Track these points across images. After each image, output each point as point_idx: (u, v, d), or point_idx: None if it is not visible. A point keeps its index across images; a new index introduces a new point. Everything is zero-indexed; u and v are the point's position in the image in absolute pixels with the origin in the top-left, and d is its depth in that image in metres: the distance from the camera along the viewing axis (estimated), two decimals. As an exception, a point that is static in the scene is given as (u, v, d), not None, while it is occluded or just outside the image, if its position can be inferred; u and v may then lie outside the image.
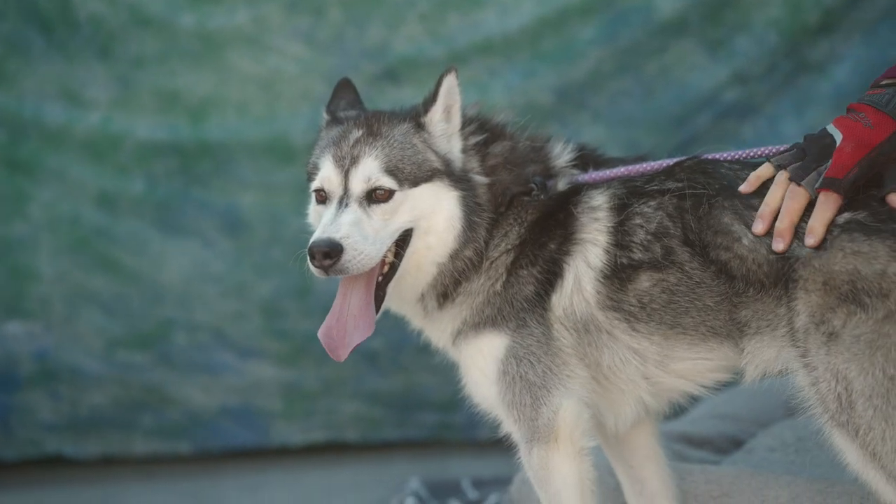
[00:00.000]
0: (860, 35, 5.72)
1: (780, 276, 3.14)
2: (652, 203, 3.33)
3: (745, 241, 3.18)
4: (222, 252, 6.00)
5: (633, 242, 3.32)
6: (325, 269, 3.29)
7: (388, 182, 3.41)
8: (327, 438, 6.23)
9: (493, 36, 5.83)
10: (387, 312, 3.57)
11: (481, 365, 3.48)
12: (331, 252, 3.27)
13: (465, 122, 3.57)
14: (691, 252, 3.25)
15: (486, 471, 5.70)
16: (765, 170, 3.22)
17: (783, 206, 3.14)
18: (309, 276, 5.79)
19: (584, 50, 5.83)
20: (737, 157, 3.40)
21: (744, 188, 3.21)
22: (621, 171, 3.50)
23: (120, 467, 6.15)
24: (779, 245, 3.12)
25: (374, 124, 3.52)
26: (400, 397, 6.17)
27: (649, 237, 3.30)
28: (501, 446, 3.68)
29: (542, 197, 3.49)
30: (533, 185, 3.50)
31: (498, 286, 3.46)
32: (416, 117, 3.54)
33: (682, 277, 3.26)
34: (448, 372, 5.91)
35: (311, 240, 3.32)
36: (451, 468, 5.91)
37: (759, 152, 3.39)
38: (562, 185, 3.52)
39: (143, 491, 5.97)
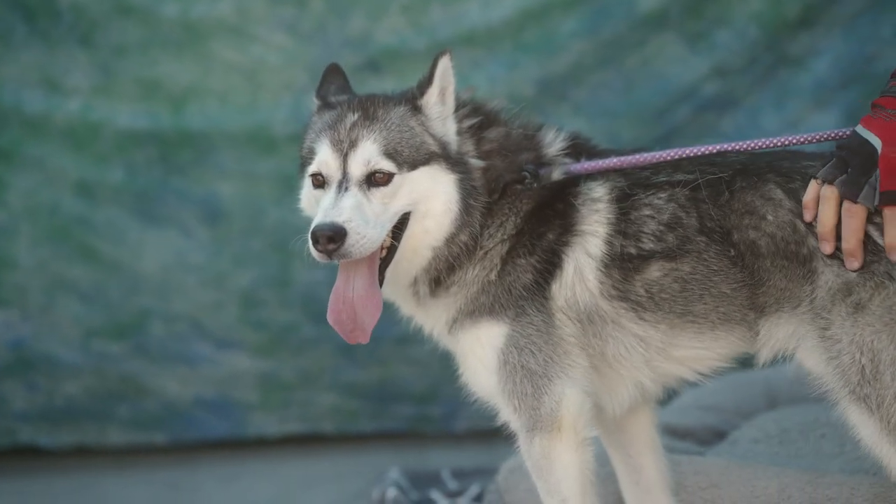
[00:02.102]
0: (840, 29, 5.74)
1: (810, 254, 3.17)
2: (662, 194, 3.36)
3: (770, 218, 3.21)
4: (201, 242, 5.97)
5: (643, 233, 3.34)
6: (329, 254, 3.26)
7: (387, 165, 3.40)
8: (304, 430, 6.21)
9: (475, 27, 5.81)
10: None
11: (480, 354, 3.47)
12: (334, 236, 3.24)
13: (459, 106, 3.56)
14: (708, 240, 3.27)
15: (463, 462, 5.69)
16: (815, 189, 3.18)
17: (845, 225, 3.12)
18: (288, 266, 5.89)
19: (565, 42, 5.82)
20: (739, 148, 3.41)
21: (807, 217, 3.18)
22: (614, 161, 3.50)
23: (95, 458, 6.10)
24: (853, 265, 3.12)
25: (370, 108, 3.50)
26: (377, 389, 6.16)
27: (662, 227, 3.32)
28: (478, 438, 3.68)
29: (535, 185, 3.50)
30: (526, 173, 3.50)
31: (492, 276, 3.46)
32: (411, 100, 3.53)
33: (698, 266, 3.28)
34: (425, 364, 5.97)
35: (314, 224, 3.29)
36: (428, 460, 5.90)
37: (750, 144, 3.41)
38: (556, 174, 3.52)
39: (118, 482, 5.94)
